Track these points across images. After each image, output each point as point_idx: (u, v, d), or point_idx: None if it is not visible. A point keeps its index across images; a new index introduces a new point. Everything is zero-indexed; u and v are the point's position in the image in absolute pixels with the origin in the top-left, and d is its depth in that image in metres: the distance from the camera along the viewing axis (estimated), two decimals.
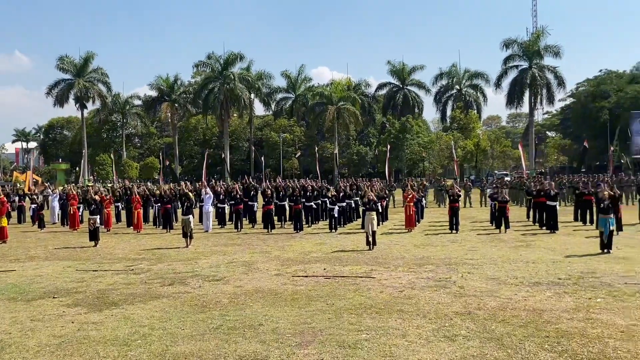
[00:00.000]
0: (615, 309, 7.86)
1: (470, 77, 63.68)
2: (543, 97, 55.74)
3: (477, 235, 17.27)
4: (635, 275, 10.29)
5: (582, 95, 60.63)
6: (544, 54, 53.85)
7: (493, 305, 8.25)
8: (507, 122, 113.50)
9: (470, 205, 29.14)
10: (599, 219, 13.59)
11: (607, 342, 6.43)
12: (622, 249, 13.31)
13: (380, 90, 67.90)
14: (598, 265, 11.41)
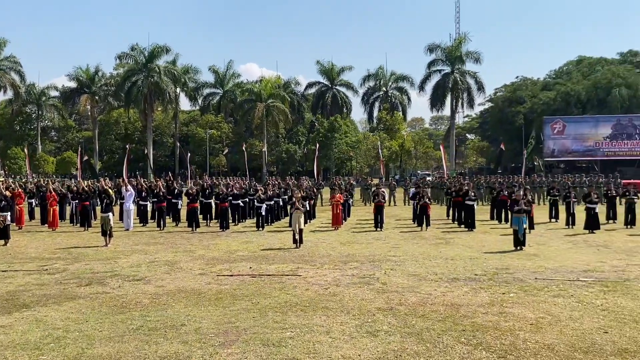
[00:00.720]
0: (526, 303, 8.33)
1: (396, 80, 65.40)
2: (464, 101, 58.30)
3: (400, 232, 17.76)
4: (544, 271, 10.96)
5: (499, 100, 63.81)
6: (465, 60, 56.26)
7: (414, 301, 8.52)
8: (430, 124, 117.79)
9: (395, 204, 29.92)
10: (513, 218, 14.34)
11: (518, 335, 6.80)
12: (533, 246, 14.14)
13: (310, 89, 68.34)
14: (512, 261, 12.06)
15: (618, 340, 6.54)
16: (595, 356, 6.01)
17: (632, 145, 44.42)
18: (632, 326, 7.08)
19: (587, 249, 13.98)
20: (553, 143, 45.49)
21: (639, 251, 13.39)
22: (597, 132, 44.99)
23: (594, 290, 9.12)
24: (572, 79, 56.88)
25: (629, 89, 51.12)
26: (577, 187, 27.81)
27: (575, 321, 7.34)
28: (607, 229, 18.07)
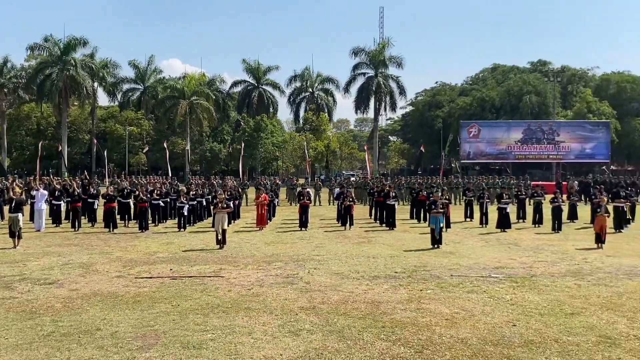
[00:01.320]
0: (442, 299, 8.69)
1: (322, 81, 66.05)
2: (387, 104, 59.84)
3: (324, 232, 17.95)
4: (459, 268, 11.47)
5: (420, 104, 66.13)
6: (388, 64, 57.76)
7: (336, 299, 8.64)
8: (355, 126, 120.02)
9: (320, 203, 30.22)
10: (431, 217, 14.90)
11: (435, 330, 7.08)
12: (449, 245, 14.75)
13: (236, 87, 67.55)
14: (429, 259, 12.53)
15: (525, 332, 6.96)
16: (504, 348, 6.37)
17: (541, 149, 47.37)
18: (538, 319, 7.56)
19: (498, 246, 14.77)
20: (469, 146, 47.65)
21: (545, 249, 14.31)
22: (509, 136, 47.58)
23: (504, 286, 9.65)
24: (487, 85, 59.91)
25: (538, 96, 54.57)
26: (490, 188, 29.27)
27: (487, 315, 7.74)
28: (517, 227, 19.15)
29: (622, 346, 6.42)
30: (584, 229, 18.46)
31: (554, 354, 6.17)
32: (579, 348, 6.34)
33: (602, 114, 52.20)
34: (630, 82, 57.09)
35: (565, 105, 59.33)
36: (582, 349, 6.31)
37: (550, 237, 16.81)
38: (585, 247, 14.49)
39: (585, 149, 47.58)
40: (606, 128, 48.04)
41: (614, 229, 17.54)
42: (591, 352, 6.22)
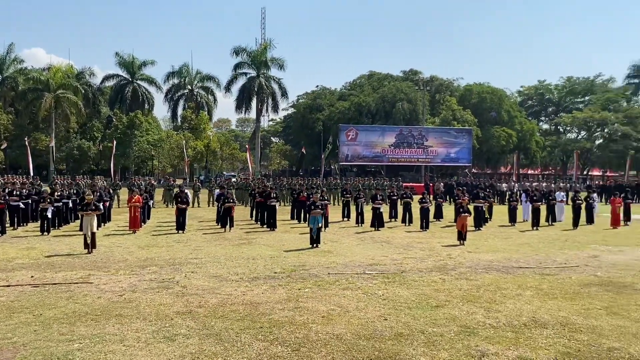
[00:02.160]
0: (319, 297, 8.91)
1: (202, 79, 64.61)
2: (269, 105, 60.02)
3: (203, 234, 17.57)
4: (336, 266, 11.84)
5: (301, 106, 67.15)
6: (270, 65, 57.99)
7: (214, 302, 8.51)
8: (237, 126, 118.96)
9: (199, 205, 29.51)
10: (310, 218, 15.21)
11: (311, 327, 7.24)
12: (327, 244, 15.17)
13: (107, 81, 63.80)
14: (308, 258, 12.79)
15: (395, 325, 7.36)
16: (376, 342, 6.69)
17: (412, 152, 50.34)
18: (407, 312, 8.04)
19: (373, 245, 15.47)
20: (347, 149, 49.34)
21: (414, 246, 15.24)
22: (383, 140, 49.99)
23: (377, 282, 10.14)
24: (364, 91, 62.38)
25: (410, 103, 57.91)
26: (366, 189, 30.59)
27: (361, 311, 8.07)
28: (389, 226, 20.20)
29: (480, 334, 7.03)
30: (449, 227, 19.93)
31: (420, 344, 6.59)
32: (443, 338, 6.85)
33: (466, 121, 56.74)
34: (490, 93, 62.67)
35: (434, 112, 63.63)
36: (445, 339, 6.81)
37: (419, 235, 17.94)
38: (450, 244, 15.66)
39: (451, 153, 51.40)
40: (469, 134, 52.34)
41: (474, 227, 19.15)
42: (453, 341, 6.74)
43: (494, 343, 6.67)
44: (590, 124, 64.53)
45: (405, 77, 68.37)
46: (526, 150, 63.33)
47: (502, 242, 16.43)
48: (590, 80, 75.84)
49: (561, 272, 11.37)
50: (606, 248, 15.14)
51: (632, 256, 13.67)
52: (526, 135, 62.67)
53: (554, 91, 77.78)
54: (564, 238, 17.39)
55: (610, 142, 62.92)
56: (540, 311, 8.16)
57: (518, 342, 6.70)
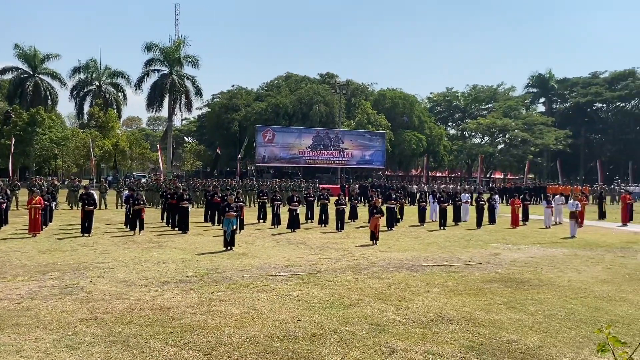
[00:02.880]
0: (233, 300, 8.78)
1: (111, 75, 61.76)
2: (182, 104, 58.40)
3: (111, 238, 16.78)
4: (251, 268, 11.73)
5: (217, 106, 66.01)
6: (184, 63, 56.49)
7: (121, 308, 8.14)
8: (148, 125, 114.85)
9: (106, 207, 28.17)
10: (224, 220, 14.97)
11: (224, 331, 7.12)
12: (242, 246, 15.01)
13: (5, 74, 59.35)
14: (222, 261, 12.58)
15: (309, 326, 7.41)
16: (289, 343, 6.69)
17: (328, 154, 51.05)
18: (321, 312, 8.11)
19: (288, 246, 15.50)
20: (264, 150, 49.13)
21: (329, 246, 15.44)
22: (300, 142, 50.30)
23: (292, 283, 10.16)
24: (281, 92, 62.48)
25: (326, 106, 58.71)
26: (282, 190, 30.62)
27: (275, 313, 8.05)
28: (305, 228, 20.34)
29: (390, 331, 7.23)
30: (363, 227, 20.39)
31: (333, 343, 6.68)
32: (355, 336, 6.98)
33: (379, 125, 58.43)
34: (402, 98, 64.98)
35: (349, 115, 64.90)
36: (357, 337, 6.94)
37: (334, 235, 18.21)
38: (363, 244, 16.03)
39: (365, 156, 52.69)
40: (382, 138, 53.91)
41: (386, 227, 19.73)
42: (365, 339, 6.89)
43: (403, 339, 6.89)
44: (493, 129, 68.61)
45: (322, 80, 69.25)
46: (435, 153, 66.20)
47: (412, 241, 17.05)
48: (493, 88, 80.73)
49: (466, 270, 11.98)
50: (506, 246, 16.14)
51: (529, 254, 14.66)
52: (435, 140, 65.58)
53: (460, 98, 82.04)
54: (469, 237, 18.34)
55: (510, 147, 67.24)
56: (447, 307, 8.54)
57: (426, 338, 6.97)
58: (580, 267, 12.48)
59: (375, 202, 17.65)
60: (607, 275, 11.51)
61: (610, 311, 8.47)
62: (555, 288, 10.13)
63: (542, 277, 11.27)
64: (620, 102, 77.33)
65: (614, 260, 13.58)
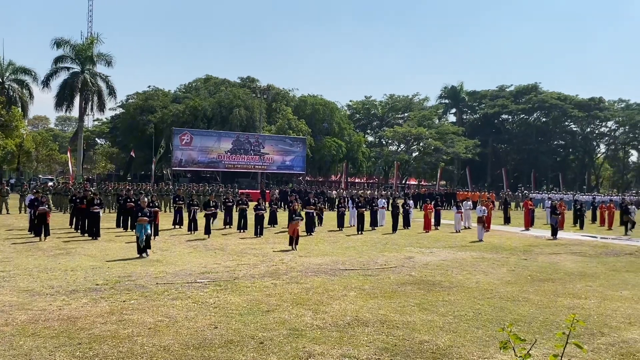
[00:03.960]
0: (146, 308, 8.48)
1: (15, 71, 57.71)
2: (94, 104, 55.58)
3: (12, 244, 15.67)
4: (166, 275, 11.38)
5: (131, 107, 63.57)
6: (97, 61, 53.90)
7: (23, 319, 7.62)
8: (56, 125, 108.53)
9: (8, 211, 26.28)
10: (137, 226, 14.43)
11: (136, 340, 6.85)
12: (157, 253, 14.54)
13: None
14: (135, 268, 12.10)
15: (225, 333, 7.30)
16: (205, 350, 6.55)
17: (248, 159, 50.62)
18: (238, 319, 8.02)
19: (205, 252, 15.19)
20: (181, 153, 47.86)
21: (248, 252, 15.30)
22: (220, 146, 49.49)
23: (209, 290, 9.96)
24: (200, 95, 61.25)
25: (247, 110, 58.25)
26: (200, 195, 30.00)
27: (191, 320, 7.86)
28: (223, 233, 20.04)
29: (307, 336, 7.28)
30: (282, 232, 20.39)
31: (250, 350, 6.62)
32: (272, 342, 6.96)
33: (300, 131, 58.77)
34: (323, 105, 65.81)
35: (270, 120, 64.83)
36: (274, 342, 6.93)
37: (253, 241, 18.08)
38: (283, 249, 16.03)
39: (286, 161, 52.78)
40: (303, 143, 54.26)
41: (306, 232, 19.86)
42: (282, 344, 6.89)
43: (320, 343, 6.95)
44: (409, 138, 71.16)
45: (243, 84, 68.72)
46: (354, 160, 67.57)
47: (330, 246, 17.27)
48: (409, 98, 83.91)
49: (381, 273, 12.30)
50: (420, 250, 16.76)
51: (441, 257, 15.30)
52: (354, 146, 66.95)
53: (378, 107, 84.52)
54: (385, 241, 18.86)
55: (424, 155, 70.04)
56: (363, 310, 8.72)
57: (342, 341, 7.08)
58: (487, 270, 13.20)
59: (294, 207, 17.72)
60: (511, 277, 12.25)
61: (514, 311, 9.01)
62: (464, 290, 10.63)
63: (453, 279, 11.80)
64: (524, 115, 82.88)
65: (518, 263, 14.48)
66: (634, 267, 14.11)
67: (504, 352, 2.79)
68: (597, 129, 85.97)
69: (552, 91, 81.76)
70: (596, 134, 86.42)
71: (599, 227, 27.64)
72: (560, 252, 17.07)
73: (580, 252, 16.98)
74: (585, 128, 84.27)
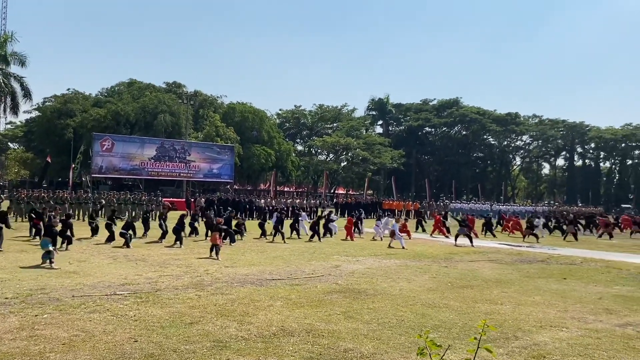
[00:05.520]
0: (61, 323, 8.02)
1: None
2: (7, 106, 52.15)
3: None
4: (83, 287, 10.82)
5: (48, 110, 60.35)
6: (10, 61, 50.74)
7: None
8: None
9: None
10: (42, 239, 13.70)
11: (49, 356, 6.47)
12: (73, 264, 13.80)
13: None
14: (48, 280, 11.42)
15: (146, 347, 7.03)
16: None
17: (173, 167, 49.31)
18: (159, 332, 7.75)
19: (126, 263, 14.60)
20: (102, 160, 45.87)
21: (171, 263, 14.85)
22: (143, 152, 47.88)
23: (129, 302, 9.57)
24: (123, 99, 59.16)
25: (172, 116, 56.91)
26: (121, 204, 28.90)
27: (109, 334, 7.51)
28: (146, 242, 19.37)
29: (232, 347, 7.15)
30: (207, 243, 19.98)
31: None
32: (195, 355, 6.78)
33: (228, 138, 58.09)
34: (252, 113, 65.45)
35: (197, 127, 63.65)
36: (197, 355, 6.75)
37: (177, 251, 17.57)
38: (207, 259, 15.70)
39: (213, 169, 51.90)
40: (231, 151, 53.63)
41: (229, 242, 19.57)
42: (205, 356, 6.73)
43: (244, 355, 6.85)
44: (337, 148, 72.22)
45: (169, 89, 67.12)
46: (283, 168, 67.61)
47: (257, 255, 17.11)
48: (338, 109, 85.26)
49: (308, 282, 12.33)
50: (346, 258, 16.96)
51: (366, 265, 15.56)
52: (284, 155, 67.03)
53: (308, 116, 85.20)
54: (312, 250, 18.94)
55: (352, 165, 71.36)
56: (289, 320, 8.70)
57: (267, 352, 7.01)
58: (410, 277, 13.56)
59: (218, 221, 17.50)
60: (433, 284, 12.65)
61: (435, 317, 9.30)
62: (388, 297, 10.86)
63: (377, 287, 12.03)
64: (445, 128, 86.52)
65: (439, 270, 14.99)
66: (545, 274, 14.99)
67: (420, 357, 2.87)
68: (513, 142, 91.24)
69: (472, 106, 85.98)
70: (512, 147, 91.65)
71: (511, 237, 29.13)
72: (478, 259, 17.85)
73: (497, 260, 17.84)
74: (502, 141, 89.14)
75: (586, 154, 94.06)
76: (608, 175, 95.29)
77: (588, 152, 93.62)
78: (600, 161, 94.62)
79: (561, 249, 22.65)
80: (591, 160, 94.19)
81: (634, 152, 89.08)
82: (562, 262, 17.74)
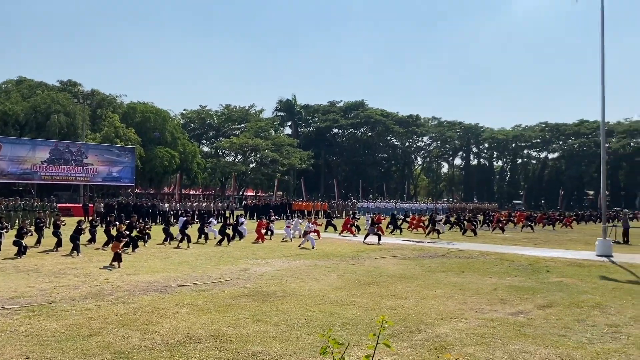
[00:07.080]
0: None
1: None
2: None
3: None
4: None
5: None
6: None
7: None
8: None
9: None
10: None
11: None
12: None
13: None
14: None
15: None
16: None
17: (69, 170, 46.43)
18: (54, 346, 7.24)
19: (16, 274, 13.52)
20: None
21: (67, 272, 13.94)
22: (35, 155, 44.70)
23: (20, 317, 8.86)
24: (12, 99, 54.95)
25: (67, 116, 53.59)
26: (10, 210, 26.82)
27: None
28: (38, 252, 18.09)
29: (135, 358, 6.83)
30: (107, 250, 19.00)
31: None
32: None
33: (129, 139, 55.60)
34: (154, 113, 63.12)
35: (95, 128, 60.43)
36: None
37: (74, 260, 16.53)
38: (107, 267, 14.92)
39: (113, 172, 49.48)
40: (132, 153, 51.37)
41: (131, 249, 18.76)
42: None
43: None
44: (245, 149, 71.55)
45: (63, 88, 63.18)
46: (189, 171, 65.88)
47: (162, 262, 16.51)
48: (245, 109, 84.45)
49: (216, 287, 12.08)
50: (255, 261, 16.83)
51: (276, 267, 15.53)
52: (189, 157, 65.28)
53: (214, 117, 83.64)
54: (220, 254, 18.60)
55: (261, 166, 71.03)
56: (195, 326, 8.46)
57: None
58: (319, 277, 13.71)
59: (119, 227, 16.73)
60: (340, 282, 12.88)
61: (343, 315, 9.46)
62: (297, 298, 10.90)
63: (286, 288, 12.04)
64: (352, 129, 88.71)
65: (347, 268, 15.30)
66: (445, 268, 15.78)
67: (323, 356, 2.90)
68: (415, 143, 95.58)
69: (377, 108, 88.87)
70: (414, 147, 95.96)
71: (415, 233, 30.44)
72: (384, 256, 18.44)
73: (401, 256, 18.53)
74: (405, 142, 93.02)
75: (481, 153, 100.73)
76: (500, 173, 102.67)
77: (482, 151, 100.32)
78: (493, 160, 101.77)
79: (459, 243, 24.00)
80: (485, 159, 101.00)
81: (523, 151, 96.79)
82: (461, 256, 18.77)
